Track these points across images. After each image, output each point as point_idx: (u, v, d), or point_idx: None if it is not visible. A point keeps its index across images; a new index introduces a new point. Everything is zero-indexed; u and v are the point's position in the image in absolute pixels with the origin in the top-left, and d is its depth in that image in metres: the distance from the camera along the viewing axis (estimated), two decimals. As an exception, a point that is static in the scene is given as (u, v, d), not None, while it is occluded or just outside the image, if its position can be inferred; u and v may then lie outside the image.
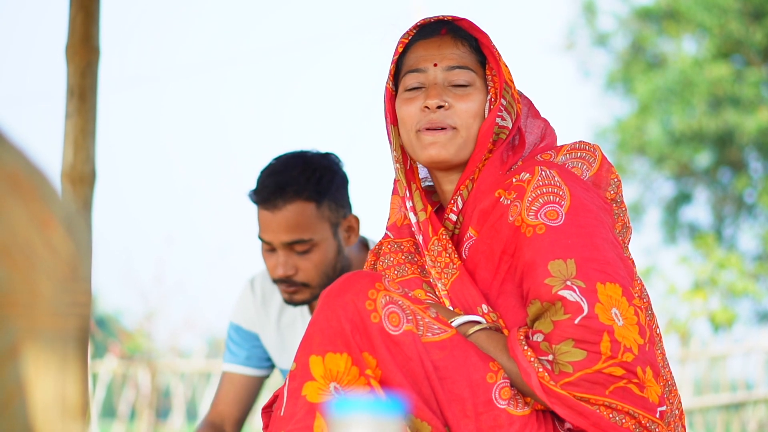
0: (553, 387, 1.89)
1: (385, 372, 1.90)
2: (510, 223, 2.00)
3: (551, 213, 1.97)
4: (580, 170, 2.08)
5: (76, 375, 1.07)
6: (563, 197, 1.98)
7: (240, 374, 3.06)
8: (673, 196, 16.93)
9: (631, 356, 1.89)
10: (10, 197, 1.04)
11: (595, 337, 1.88)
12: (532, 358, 1.91)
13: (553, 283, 1.92)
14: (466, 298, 2.03)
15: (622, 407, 1.89)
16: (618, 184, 2.11)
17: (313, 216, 2.84)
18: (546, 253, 1.94)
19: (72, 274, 1.06)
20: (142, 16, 61.78)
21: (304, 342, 1.94)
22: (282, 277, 2.86)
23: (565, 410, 1.90)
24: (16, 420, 1.04)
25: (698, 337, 9.84)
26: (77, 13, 3.08)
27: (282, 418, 1.93)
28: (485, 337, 1.99)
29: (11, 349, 1.03)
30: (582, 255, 1.93)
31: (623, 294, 1.93)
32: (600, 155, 2.11)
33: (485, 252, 2.03)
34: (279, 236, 2.84)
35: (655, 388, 1.92)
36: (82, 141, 3.07)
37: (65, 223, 1.07)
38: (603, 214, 2.02)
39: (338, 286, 1.95)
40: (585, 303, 1.90)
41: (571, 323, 1.89)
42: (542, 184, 1.99)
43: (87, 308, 1.09)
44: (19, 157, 1.06)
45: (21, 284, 1.03)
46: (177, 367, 11.31)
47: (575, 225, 1.96)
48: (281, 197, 2.82)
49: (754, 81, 15.22)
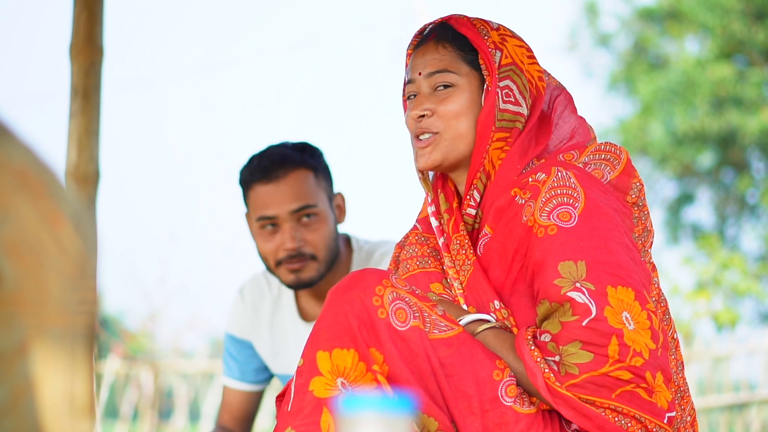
0: (558, 388, 1.89)
1: (392, 368, 1.90)
2: (523, 223, 1.99)
3: (564, 214, 1.96)
4: (602, 172, 2.07)
5: (84, 373, 1.07)
6: (577, 199, 1.97)
7: (236, 389, 3.09)
8: (675, 197, 16.92)
9: (640, 360, 1.88)
10: (18, 194, 1.04)
11: (602, 340, 1.87)
12: (538, 358, 1.91)
13: (562, 284, 1.91)
14: (480, 294, 2.03)
15: (628, 411, 1.88)
16: (640, 189, 2.08)
17: (313, 184, 2.88)
18: (556, 253, 1.94)
19: (80, 271, 1.06)
20: (145, 16, 61.81)
21: (311, 338, 1.94)
22: (291, 251, 2.84)
23: (569, 412, 1.89)
24: (24, 418, 1.04)
25: (701, 338, 9.83)
26: (81, 12, 3.08)
27: (289, 413, 1.93)
28: (493, 335, 1.99)
29: (20, 347, 1.03)
30: (593, 257, 1.93)
31: (636, 298, 1.91)
32: (625, 158, 2.09)
33: (498, 250, 2.03)
34: (285, 206, 2.84)
35: (665, 393, 1.91)
36: (86, 140, 3.06)
37: (73, 220, 1.07)
38: (619, 218, 2.01)
39: (345, 282, 1.95)
40: (593, 305, 1.89)
41: (578, 325, 1.88)
42: (557, 185, 1.98)
43: (95, 306, 1.09)
44: (27, 154, 1.06)
45: (29, 282, 1.03)
46: (180, 367, 11.31)
47: (588, 227, 1.95)
48: (282, 167, 2.85)
49: (757, 81, 15.22)
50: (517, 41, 2.14)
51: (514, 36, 2.14)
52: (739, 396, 9.06)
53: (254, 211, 2.89)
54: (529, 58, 2.13)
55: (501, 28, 2.15)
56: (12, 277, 1.03)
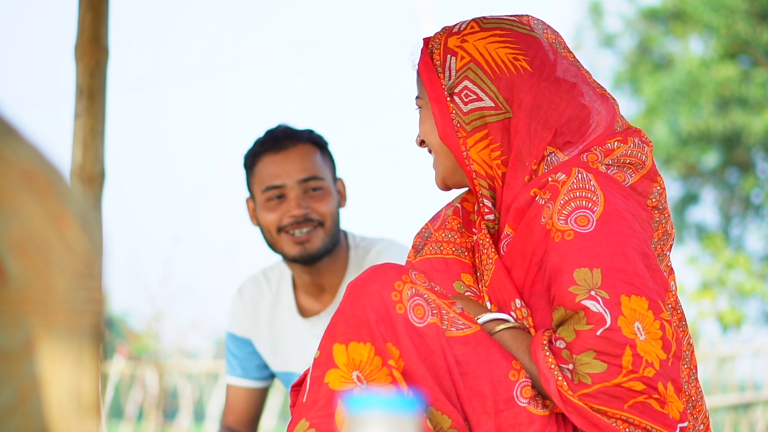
0: (570, 396, 1.87)
1: (407, 363, 1.89)
2: (542, 225, 1.96)
3: (582, 219, 1.93)
4: (624, 176, 2.02)
5: (91, 371, 1.07)
6: (597, 203, 1.93)
7: (240, 387, 3.09)
8: (680, 197, 16.92)
9: (652, 371, 1.86)
10: (25, 193, 1.04)
11: (617, 350, 1.85)
12: (552, 364, 1.89)
13: (577, 292, 1.89)
14: (502, 292, 2.01)
15: (640, 422, 1.86)
16: (661, 192, 2.04)
17: (320, 160, 2.93)
18: (572, 260, 1.91)
19: (87, 270, 1.06)
20: (148, 17, 61.82)
21: (328, 330, 1.94)
22: (298, 217, 2.86)
23: (580, 420, 1.88)
24: (31, 416, 1.04)
25: (706, 338, 9.83)
26: (86, 12, 3.08)
27: (304, 404, 1.93)
28: (510, 336, 1.97)
29: (26, 346, 1.03)
30: (609, 265, 1.90)
31: (649, 307, 1.89)
32: (650, 162, 2.04)
33: (521, 251, 2.00)
34: (293, 174, 2.89)
35: (677, 404, 1.89)
36: (92, 141, 3.06)
37: (80, 219, 1.07)
38: (638, 224, 1.97)
39: (364, 277, 1.95)
40: (608, 314, 1.87)
41: (593, 334, 1.86)
42: (576, 188, 1.95)
43: (101, 305, 1.09)
44: (33, 153, 1.06)
45: (36, 281, 1.03)
46: (184, 367, 11.32)
47: (606, 233, 1.92)
48: (290, 139, 2.92)
49: (762, 81, 15.21)
50: (483, 34, 2.06)
51: (484, 30, 2.07)
52: (744, 396, 9.06)
53: (261, 183, 2.91)
54: (501, 43, 2.05)
55: (469, 26, 2.08)
56: (18, 275, 1.03)
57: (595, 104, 2.09)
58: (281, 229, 2.88)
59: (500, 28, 2.07)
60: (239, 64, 46.27)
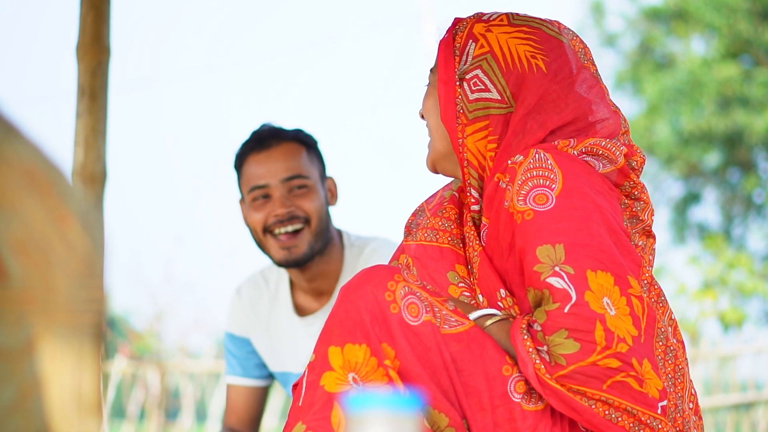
0: (548, 380, 1.85)
1: (403, 363, 1.89)
2: (506, 209, 1.95)
3: (540, 197, 1.91)
4: (596, 164, 1.99)
5: (92, 371, 1.07)
6: (555, 180, 1.91)
7: (240, 386, 3.09)
8: (682, 197, 16.92)
9: (625, 347, 1.83)
10: (26, 193, 1.04)
11: (587, 326, 1.82)
12: (530, 348, 1.87)
13: (541, 270, 1.87)
14: (488, 283, 2.00)
15: (620, 403, 1.84)
16: (634, 187, 2.02)
17: (305, 158, 2.92)
18: (534, 238, 1.89)
19: (88, 269, 1.06)
20: (149, 17, 61.78)
21: (323, 333, 1.94)
22: (282, 216, 2.86)
23: (558, 403, 1.86)
24: (32, 416, 1.04)
25: (708, 337, 9.83)
26: (88, 12, 3.08)
27: (300, 408, 1.93)
28: (497, 328, 1.95)
29: (27, 345, 1.03)
30: (573, 240, 1.88)
31: (615, 283, 1.86)
32: (621, 162, 2.01)
33: (495, 238, 1.99)
34: (277, 173, 2.88)
35: (656, 381, 1.86)
36: (93, 140, 3.06)
37: (81, 218, 1.07)
38: (602, 199, 1.94)
39: (357, 279, 1.95)
40: (573, 290, 1.84)
41: (561, 312, 1.84)
42: (533, 167, 1.93)
43: (102, 304, 1.09)
44: (34, 152, 1.06)
45: (37, 280, 1.03)
46: (186, 367, 11.32)
47: (567, 208, 1.90)
48: (275, 138, 2.92)
49: (763, 81, 15.21)
50: (509, 29, 2.06)
51: (511, 25, 2.07)
52: (746, 395, 9.06)
53: (247, 183, 2.91)
54: (523, 40, 2.05)
55: (498, 18, 2.08)
56: (19, 275, 1.03)
57: (604, 121, 2.08)
58: (267, 230, 2.88)
59: (528, 25, 2.07)
60: (239, 64, 46.27)
